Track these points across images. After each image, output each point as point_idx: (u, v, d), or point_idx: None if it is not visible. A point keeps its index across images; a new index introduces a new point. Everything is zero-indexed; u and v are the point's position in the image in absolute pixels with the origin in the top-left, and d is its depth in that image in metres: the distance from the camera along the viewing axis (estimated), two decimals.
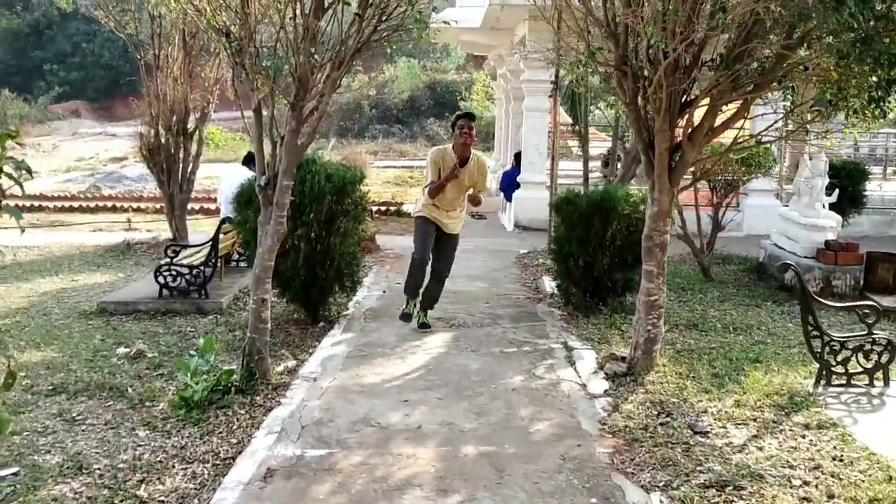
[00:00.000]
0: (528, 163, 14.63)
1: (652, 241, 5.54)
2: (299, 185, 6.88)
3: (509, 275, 10.01)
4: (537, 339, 6.83)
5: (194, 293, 8.13)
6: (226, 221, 8.20)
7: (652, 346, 5.70)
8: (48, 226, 15.37)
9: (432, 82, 40.03)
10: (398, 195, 21.61)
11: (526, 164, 14.67)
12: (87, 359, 6.41)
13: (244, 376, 5.43)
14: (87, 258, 11.16)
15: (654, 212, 5.47)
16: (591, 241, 7.38)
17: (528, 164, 14.63)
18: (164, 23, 11.06)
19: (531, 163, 14.58)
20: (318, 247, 7.14)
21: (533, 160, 14.57)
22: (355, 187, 7.32)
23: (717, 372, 5.82)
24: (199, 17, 4.87)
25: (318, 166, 7.09)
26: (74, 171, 26.31)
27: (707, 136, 5.30)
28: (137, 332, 7.22)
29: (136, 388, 5.66)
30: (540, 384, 5.63)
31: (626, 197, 7.37)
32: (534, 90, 14.32)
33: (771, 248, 9.80)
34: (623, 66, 5.23)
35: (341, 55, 5.08)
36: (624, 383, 5.59)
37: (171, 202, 11.76)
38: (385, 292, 8.76)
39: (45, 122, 40.36)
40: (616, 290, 7.64)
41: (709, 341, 6.81)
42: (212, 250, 8.21)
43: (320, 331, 7.19)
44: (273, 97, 5.06)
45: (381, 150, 33.96)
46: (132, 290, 8.58)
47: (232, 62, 5.10)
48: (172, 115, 11.47)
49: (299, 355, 6.47)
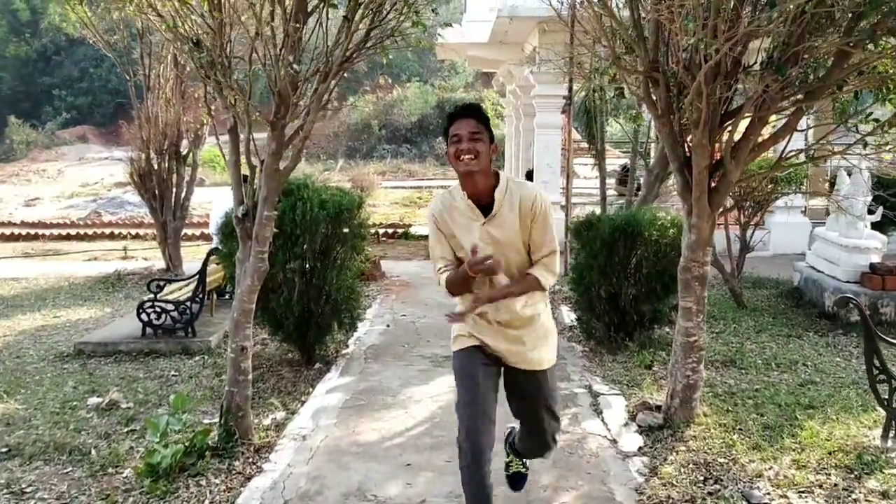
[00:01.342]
0: (540, 181, 13.89)
1: (690, 273, 4.80)
2: (290, 213, 6.22)
3: None
4: (558, 381, 6.07)
5: (180, 331, 7.45)
6: (214, 252, 7.53)
7: (691, 394, 4.95)
8: (41, 255, 14.76)
9: (441, 101, 39.41)
10: (406, 217, 20.95)
11: (539, 182, 13.93)
12: (53, 411, 5.72)
13: (222, 436, 4.72)
14: (74, 291, 10.51)
15: (693, 240, 4.74)
16: (615, 269, 6.64)
17: (540, 182, 13.89)
18: (153, 41, 10.46)
19: (544, 181, 13.84)
20: (312, 281, 6.44)
21: (546, 179, 13.84)
22: (353, 214, 6.62)
23: (767, 422, 5.05)
24: (161, 24, 4.19)
25: (310, 192, 6.41)
26: (78, 197, 25.84)
27: (752, 151, 4.57)
28: (115, 378, 6.53)
29: (101, 449, 4.95)
30: (563, 440, 4.87)
31: (653, 221, 6.63)
32: (545, 105, 13.64)
33: (807, 272, 9.02)
34: (654, 72, 4.52)
35: (328, 66, 4.39)
36: (660, 438, 4.83)
37: (163, 230, 11.12)
38: (389, 326, 8.03)
39: (52, 147, 40.03)
40: (643, 324, 6.88)
41: (750, 381, 6.04)
42: (199, 284, 7.53)
43: (315, 373, 6.47)
44: (249, 115, 4.38)
45: (389, 170, 33.39)
46: (114, 328, 7.90)
47: (202, 76, 4.42)
48: (165, 138, 10.85)
49: (290, 404, 5.75)
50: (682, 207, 4.83)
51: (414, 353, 7.02)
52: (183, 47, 4.28)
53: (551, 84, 13.31)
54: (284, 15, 4.28)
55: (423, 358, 6.83)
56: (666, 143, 4.68)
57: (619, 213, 7.03)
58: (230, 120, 4.57)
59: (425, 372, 6.40)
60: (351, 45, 4.40)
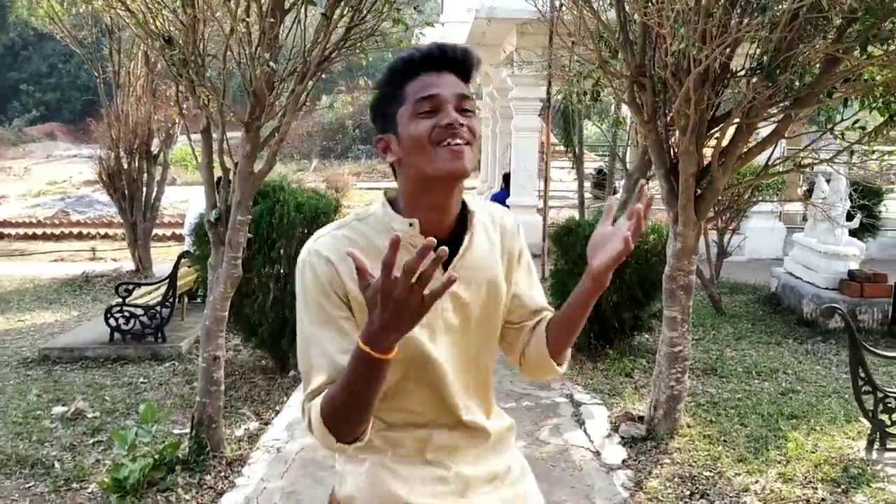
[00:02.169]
0: (517, 185, 13.83)
1: (675, 282, 4.70)
2: (266, 217, 6.05)
3: None
4: (538, 389, 5.96)
5: (150, 337, 7.23)
6: (185, 255, 7.32)
7: (675, 404, 4.85)
8: (6, 255, 14.39)
9: None
10: None
11: (516, 186, 13.86)
12: (15, 421, 5.50)
13: (193, 449, 4.53)
14: (39, 293, 10.22)
15: (678, 249, 4.64)
16: None
17: (517, 186, 13.83)
18: (123, 37, 10.20)
19: (521, 185, 13.78)
20: (287, 287, 6.25)
21: (523, 182, 13.77)
22: (329, 218, 6.45)
23: (752, 433, 4.97)
24: (130, 20, 4.01)
25: (286, 195, 6.24)
26: (45, 196, 25.29)
27: (740, 159, 4.49)
28: (81, 385, 6.31)
29: (65, 462, 4.75)
30: (546, 452, 4.76)
31: None
32: (523, 108, 13.56)
33: (785, 278, 9.00)
34: (641, 76, 4.42)
35: (306, 66, 4.24)
36: (644, 450, 4.73)
37: (133, 231, 10.84)
38: None
39: (19, 144, 39.26)
40: (624, 331, 6.79)
41: (732, 390, 5.97)
42: (169, 288, 7.32)
43: (290, 381, 6.30)
44: (223, 116, 4.20)
45: (364, 171, 33.14)
46: (80, 333, 7.65)
47: (174, 74, 4.24)
48: (135, 137, 10.58)
49: (264, 414, 5.58)
50: (667, 215, 4.73)
51: None
52: (154, 44, 4.10)
53: (529, 86, 13.24)
54: (260, 11, 4.11)
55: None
56: (651, 149, 4.58)
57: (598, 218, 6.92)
58: (203, 120, 4.39)
59: None
60: (329, 45, 4.25)
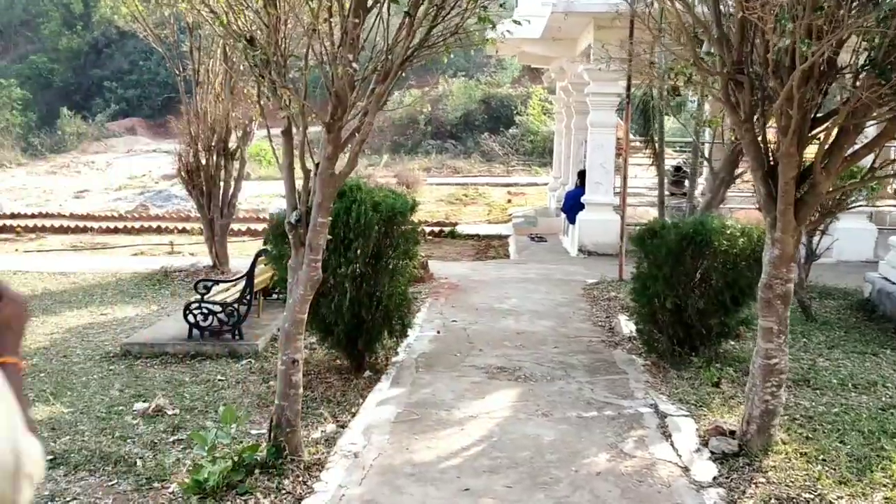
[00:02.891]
0: (593, 182, 13.55)
1: (772, 291, 4.45)
2: (343, 217, 5.99)
3: (578, 311, 8.95)
4: (620, 398, 5.77)
5: (227, 334, 7.28)
6: (262, 254, 7.34)
7: (770, 420, 4.60)
8: (90, 249, 14.82)
9: (486, 97, 38.99)
10: (452, 214, 20.71)
11: (591, 183, 13.58)
12: (99, 416, 5.59)
13: (271, 452, 4.50)
14: (121, 287, 10.45)
15: (775, 255, 4.39)
16: (681, 280, 6.30)
17: (593, 183, 13.55)
18: (203, 35, 10.32)
19: (597, 182, 13.49)
20: (363, 286, 6.20)
21: (599, 179, 13.48)
22: (406, 218, 6.38)
23: (853, 452, 4.68)
24: (213, 21, 3.97)
25: (363, 194, 6.17)
26: (126, 189, 26.07)
27: (845, 161, 4.21)
28: (161, 382, 6.38)
29: (147, 460, 4.78)
30: (631, 466, 4.57)
31: (722, 229, 6.27)
32: (600, 104, 13.27)
33: (881, 283, 8.55)
34: (738, 74, 4.18)
35: (388, 65, 4.14)
36: (736, 467, 4.49)
37: (210, 227, 10.99)
38: (439, 333, 7.78)
39: (101, 139, 40.55)
40: (710, 338, 6.52)
41: (827, 404, 5.66)
42: (246, 286, 7.35)
43: (366, 382, 6.25)
44: (305, 116, 4.14)
45: (434, 166, 33.13)
46: (160, 329, 7.77)
47: (256, 75, 4.20)
48: (213, 134, 10.72)
49: (340, 416, 5.53)
50: (764, 220, 4.48)
51: (466, 363, 6.76)
52: (236, 44, 4.06)
53: (606, 81, 12.93)
54: (342, 11, 4.03)
55: (476, 369, 6.56)
56: (748, 150, 4.33)
57: (684, 220, 6.66)
58: (284, 121, 4.34)
59: (479, 385, 6.13)
60: (412, 44, 4.14)
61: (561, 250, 14.57)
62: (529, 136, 34.96)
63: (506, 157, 33.96)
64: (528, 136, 35.10)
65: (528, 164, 32.96)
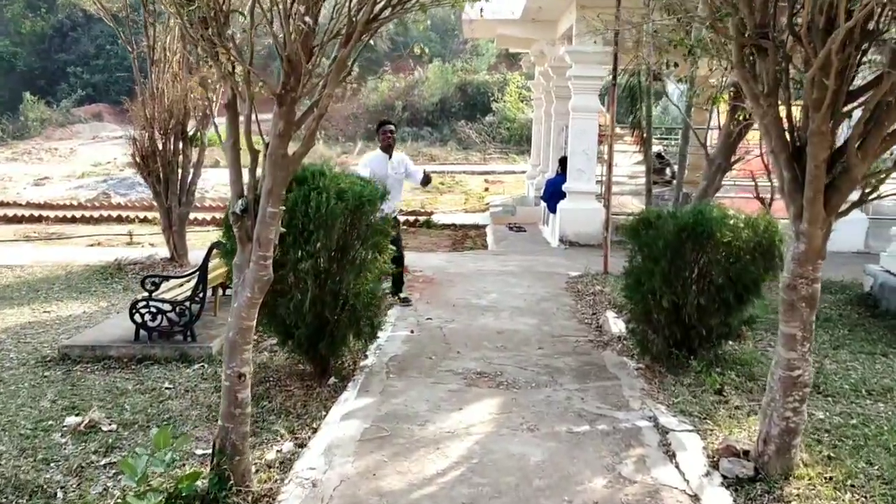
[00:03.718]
0: (574, 169, 12.95)
1: (796, 292, 3.86)
2: (302, 206, 5.32)
3: (562, 306, 8.34)
4: (614, 409, 5.16)
5: (178, 335, 6.59)
6: (216, 246, 6.64)
7: (791, 439, 4.01)
8: (45, 239, 13.98)
9: (463, 83, 38.27)
10: (427, 203, 20.06)
11: (573, 170, 12.98)
12: (23, 434, 4.89)
13: (213, 482, 3.84)
14: (70, 281, 9.68)
15: (801, 251, 3.79)
16: (681, 275, 5.70)
17: (575, 170, 12.95)
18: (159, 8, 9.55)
19: (579, 169, 12.89)
20: (327, 284, 5.54)
21: (581, 167, 12.88)
22: (376, 206, 5.71)
23: (884, 475, 4.11)
24: None
25: (327, 181, 5.50)
26: (89, 177, 25.08)
27: (885, 140, 3.61)
28: (100, 390, 5.69)
29: (69, 490, 4.11)
30: (632, 494, 3.96)
31: (725, 219, 5.68)
32: (583, 87, 12.65)
33: (883, 276, 8.04)
34: (762, 38, 3.56)
35: (351, 26, 3.47)
36: (754, 494, 3.90)
37: (168, 217, 10.26)
38: (413, 332, 7.13)
39: (66, 125, 39.37)
40: (710, 339, 5.94)
41: (843, 414, 5.10)
42: (199, 282, 6.66)
43: (330, 391, 5.59)
44: (250, 85, 3.47)
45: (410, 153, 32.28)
46: (104, 329, 7.04)
47: (192, 36, 3.51)
48: (170, 116, 9.96)
49: (299, 431, 4.87)
50: (787, 209, 3.88)
51: (442, 366, 6.13)
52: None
53: (589, 64, 12.36)
54: None
55: (453, 374, 5.93)
56: (770, 129, 3.72)
57: (681, 209, 6.05)
58: (227, 92, 3.66)
59: (457, 393, 5.50)
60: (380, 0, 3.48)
61: (541, 240, 13.98)
62: (506, 124, 34.36)
63: (483, 144, 33.36)
64: (505, 124, 34.50)
65: (506, 151, 32.39)
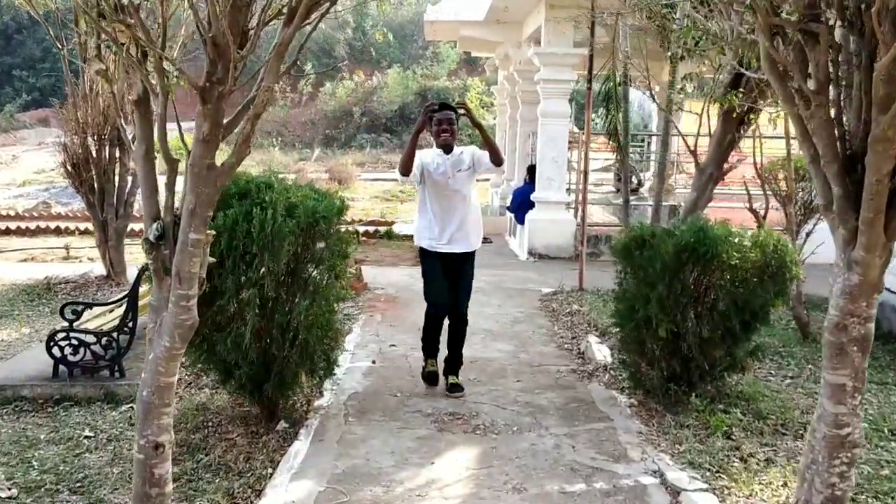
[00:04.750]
0: (544, 178, 12.27)
1: (846, 333, 3.17)
2: (244, 224, 4.51)
3: (538, 329, 7.62)
4: (612, 461, 4.43)
5: (104, 371, 5.71)
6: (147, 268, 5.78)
7: None
8: None
9: (423, 89, 37.53)
10: (388, 212, 19.28)
11: (542, 179, 12.30)
12: None
13: None
14: None
15: (853, 283, 3.10)
16: (680, 301, 5.00)
17: (544, 179, 12.28)
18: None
19: (548, 178, 12.22)
20: (275, 316, 4.73)
21: (550, 175, 12.22)
22: (332, 224, 4.91)
23: None
24: None
25: (275, 194, 4.70)
26: (30, 185, 23.84)
27: None
28: (6, 442, 4.82)
29: None
30: None
31: (730, 237, 5.01)
32: (552, 91, 12.00)
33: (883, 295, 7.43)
34: (814, 21, 2.87)
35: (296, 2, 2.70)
36: None
37: (103, 230, 9.32)
38: (374, 363, 6.34)
39: (10, 131, 37.77)
40: (712, 373, 5.25)
41: (871, 462, 4.45)
42: (129, 309, 5.79)
43: (279, 439, 4.77)
44: (163, 76, 2.68)
45: (368, 161, 31.63)
46: (19, 364, 6.13)
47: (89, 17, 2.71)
48: (105, 121, 9.04)
49: (239, 495, 4.05)
50: (834, 232, 3.19)
51: (409, 405, 5.35)
52: None
53: (559, 67, 11.73)
54: None
55: (421, 416, 5.15)
56: (818, 133, 3.03)
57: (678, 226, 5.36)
58: (137, 86, 2.87)
59: (426, 441, 4.72)
60: None
61: (508, 253, 13.28)
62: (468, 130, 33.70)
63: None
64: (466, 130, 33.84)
65: None
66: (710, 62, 6.23)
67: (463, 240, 5.57)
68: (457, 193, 5.57)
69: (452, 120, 5.57)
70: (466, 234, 5.59)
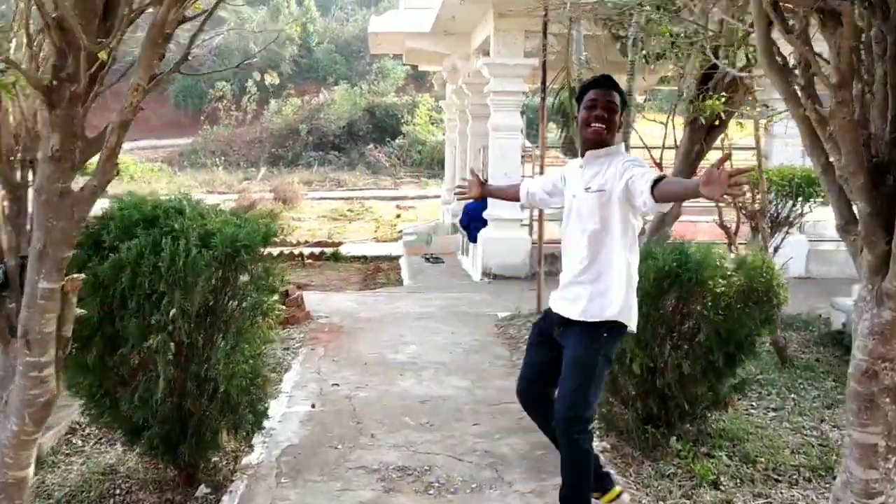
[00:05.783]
0: None
1: (878, 382, 2.59)
2: (150, 258, 3.80)
3: (495, 360, 6.99)
4: None
5: None
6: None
7: None
8: None
9: (371, 106, 36.90)
10: (335, 232, 18.56)
11: None
12: None
13: None
14: None
15: (885, 321, 2.53)
16: (658, 334, 4.42)
17: None
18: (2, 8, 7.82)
19: None
20: (189, 364, 4.01)
21: None
22: (256, 254, 4.21)
23: None
24: None
25: (187, 221, 3.99)
26: None
27: None
28: None
29: None
30: None
31: (713, 261, 4.45)
32: (502, 104, 11.47)
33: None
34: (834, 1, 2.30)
35: None
36: None
37: None
38: (314, 407, 5.63)
39: None
40: (693, 412, 4.67)
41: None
42: None
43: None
44: None
45: (316, 179, 30.84)
46: None
47: None
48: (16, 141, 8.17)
49: None
50: (857, 257, 2.62)
51: (352, 459, 4.66)
52: None
53: (510, 77, 11.23)
54: None
55: (366, 472, 4.46)
56: (842, 137, 2.46)
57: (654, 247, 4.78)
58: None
59: None
60: None
61: (461, 273, 12.68)
62: (417, 146, 33.21)
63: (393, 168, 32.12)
64: (416, 146, 33.34)
65: (417, 175, 31.21)
66: (676, 66, 5.71)
67: (575, 300, 3.52)
68: (580, 222, 3.53)
69: (615, 105, 3.50)
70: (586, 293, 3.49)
